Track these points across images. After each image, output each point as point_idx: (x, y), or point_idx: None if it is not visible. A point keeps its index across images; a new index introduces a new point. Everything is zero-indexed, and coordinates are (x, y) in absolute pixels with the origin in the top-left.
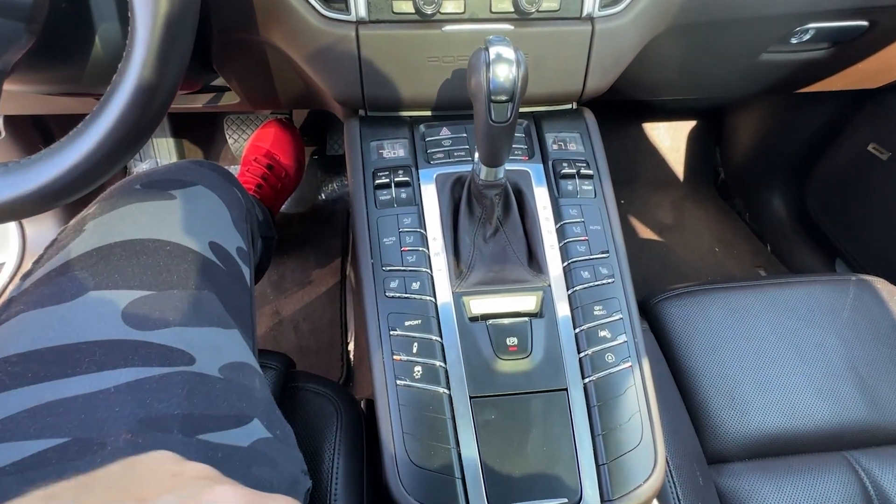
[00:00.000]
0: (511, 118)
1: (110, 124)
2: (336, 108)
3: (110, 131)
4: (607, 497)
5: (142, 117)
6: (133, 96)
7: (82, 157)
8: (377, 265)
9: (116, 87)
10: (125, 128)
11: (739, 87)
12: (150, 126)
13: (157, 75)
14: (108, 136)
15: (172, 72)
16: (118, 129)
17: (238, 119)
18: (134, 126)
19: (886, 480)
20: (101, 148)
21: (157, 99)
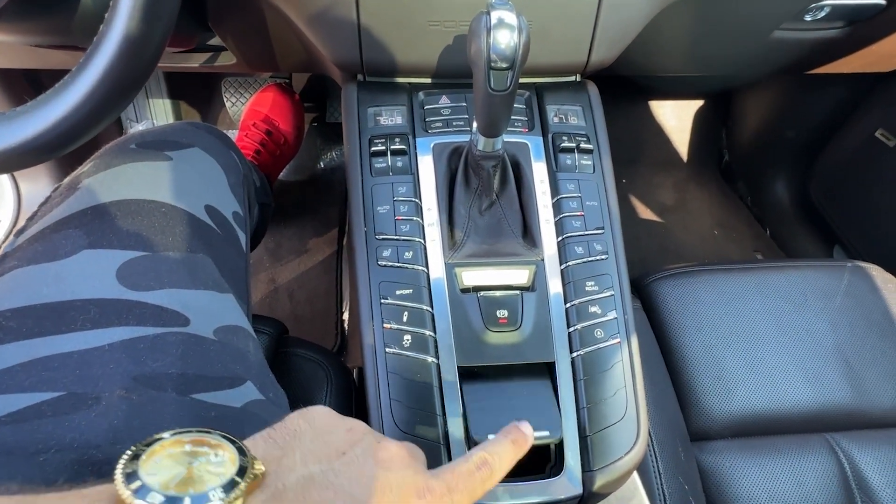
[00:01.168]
0: (511, 87)
1: (97, 77)
2: (334, 73)
3: (97, 84)
4: (589, 467)
5: (130, 70)
6: (120, 48)
7: (69, 110)
8: (370, 233)
9: (103, 38)
10: (113, 81)
11: (749, 66)
12: (139, 79)
13: (144, 26)
14: (96, 88)
15: (161, 23)
16: (106, 82)
17: (236, 82)
18: (122, 79)
19: (864, 462)
20: (88, 101)
21: (146, 51)
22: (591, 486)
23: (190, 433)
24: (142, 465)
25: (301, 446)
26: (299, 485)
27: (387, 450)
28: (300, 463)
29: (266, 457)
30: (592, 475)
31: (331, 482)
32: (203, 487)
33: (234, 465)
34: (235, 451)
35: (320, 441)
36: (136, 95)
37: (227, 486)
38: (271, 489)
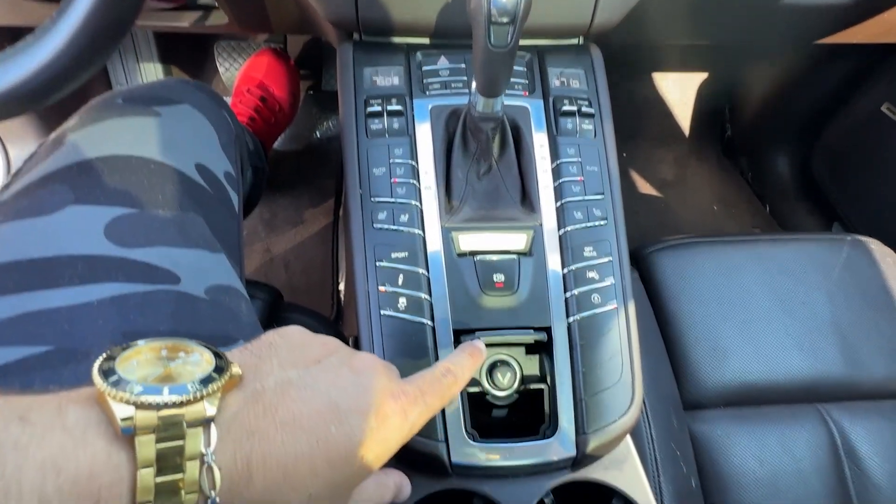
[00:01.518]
0: (512, 43)
1: (80, 20)
2: (329, 33)
3: (81, 26)
4: (583, 430)
5: (114, 12)
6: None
7: (53, 56)
8: (366, 196)
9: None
10: (97, 23)
11: (757, 34)
12: (124, 22)
13: None
14: (80, 31)
15: None
16: (89, 24)
17: (230, 46)
18: (106, 23)
19: (854, 432)
20: (71, 46)
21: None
22: (585, 448)
23: (165, 340)
24: (118, 365)
25: (277, 355)
26: (278, 386)
27: (361, 359)
28: (278, 368)
29: (243, 364)
30: (586, 437)
31: (308, 384)
32: (180, 381)
33: (211, 364)
34: (212, 356)
35: (296, 352)
36: (119, 44)
37: (205, 381)
38: (249, 389)
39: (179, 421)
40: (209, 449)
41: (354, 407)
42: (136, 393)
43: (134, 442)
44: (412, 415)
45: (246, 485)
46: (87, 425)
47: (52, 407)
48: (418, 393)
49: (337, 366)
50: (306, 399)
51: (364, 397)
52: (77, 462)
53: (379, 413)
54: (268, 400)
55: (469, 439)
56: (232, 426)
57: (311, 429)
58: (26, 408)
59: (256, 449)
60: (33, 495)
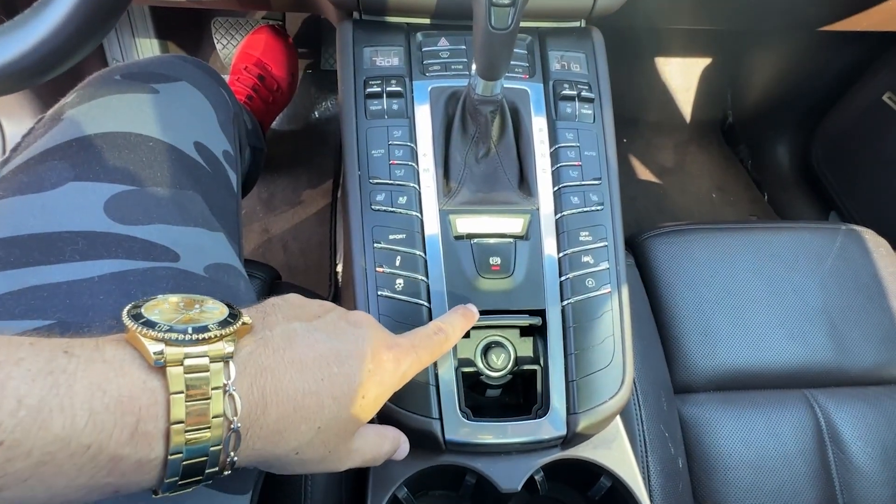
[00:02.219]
0: (512, 25)
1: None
2: (328, 10)
3: (79, 2)
4: (573, 410)
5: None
6: None
7: (51, 31)
8: (364, 177)
9: None
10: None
11: (760, 19)
12: (120, 1)
13: None
14: (77, 7)
15: None
16: (86, 1)
17: (227, 23)
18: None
19: (839, 417)
20: (69, 21)
21: None
22: (575, 427)
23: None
24: (144, 311)
25: (281, 311)
26: (284, 334)
27: (357, 315)
28: (283, 320)
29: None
30: (576, 417)
31: (311, 333)
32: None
33: (225, 313)
34: (225, 307)
35: (297, 309)
36: (117, 19)
37: (222, 323)
38: (259, 335)
39: (204, 355)
40: (230, 380)
41: (354, 352)
42: (164, 331)
43: (165, 372)
44: (404, 364)
45: (262, 413)
46: (124, 359)
47: (91, 344)
48: (410, 346)
49: (336, 319)
50: (310, 344)
51: (361, 344)
52: (119, 386)
53: (375, 358)
54: (276, 343)
55: (463, 417)
56: (248, 363)
57: (317, 368)
58: (68, 344)
59: (270, 383)
60: (84, 410)
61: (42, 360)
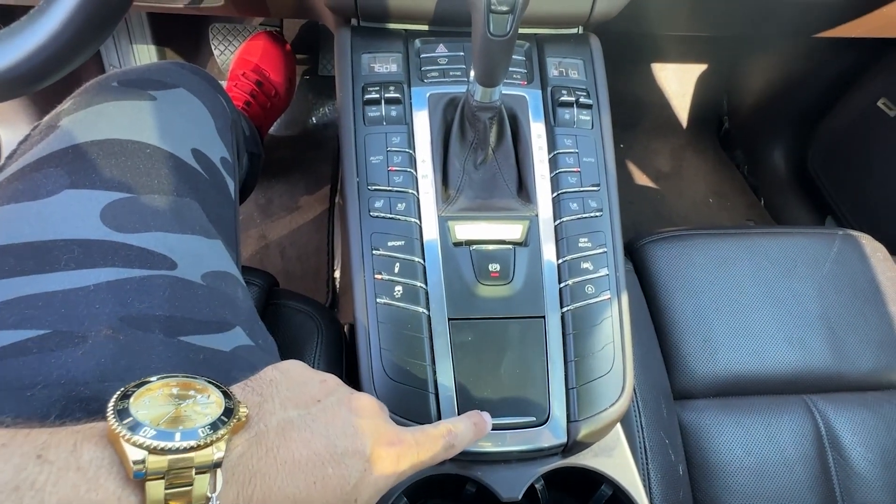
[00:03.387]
0: (511, 32)
1: (76, 1)
2: (327, 17)
3: (76, 9)
4: (574, 417)
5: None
6: None
7: (48, 38)
8: (362, 184)
9: None
10: (93, 3)
11: (756, 25)
12: (120, 3)
13: None
14: (74, 14)
15: None
16: (86, 5)
17: (225, 29)
18: (102, 4)
19: (838, 422)
20: (66, 28)
21: None
22: (575, 435)
23: (177, 377)
24: (132, 404)
25: (279, 394)
26: (280, 426)
27: (359, 400)
28: (280, 408)
29: (250, 403)
30: (577, 425)
31: (308, 425)
32: (192, 425)
33: (221, 407)
34: (221, 395)
35: (296, 390)
36: (115, 26)
37: (215, 425)
38: (254, 430)
39: (189, 466)
40: (214, 494)
41: (351, 449)
42: (149, 437)
43: (144, 486)
44: (403, 464)
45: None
46: (100, 466)
47: (67, 445)
48: (413, 444)
49: (336, 406)
50: (306, 440)
51: (361, 440)
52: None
53: (373, 456)
54: (270, 441)
55: None
56: (237, 468)
57: (310, 470)
58: (44, 445)
59: (258, 490)
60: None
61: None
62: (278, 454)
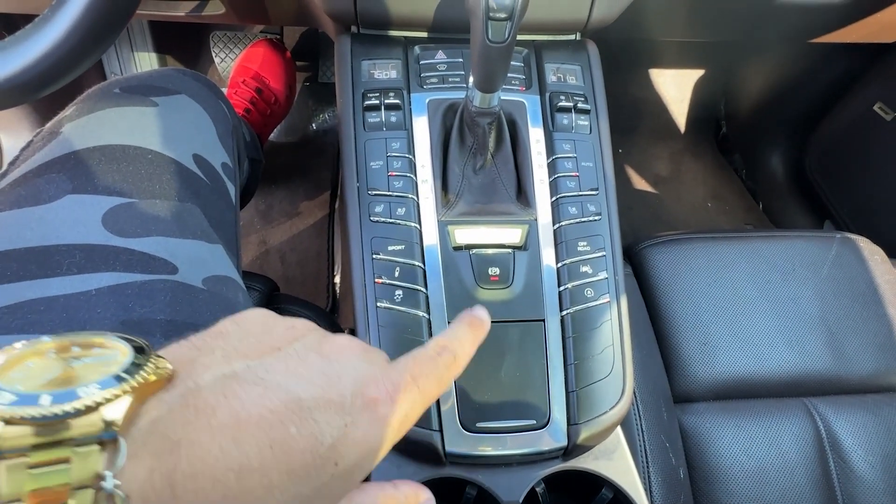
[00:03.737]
0: (509, 39)
1: (80, 9)
2: (327, 25)
3: (81, 16)
4: (574, 421)
5: (113, 4)
6: None
7: (52, 45)
8: (363, 189)
9: None
10: (95, 14)
11: (752, 31)
12: (123, 13)
13: None
14: (79, 21)
15: None
16: (88, 16)
17: (225, 36)
18: (104, 13)
19: (838, 425)
20: (71, 35)
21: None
22: (576, 438)
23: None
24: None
25: (225, 346)
26: (218, 382)
27: (334, 342)
28: (221, 361)
29: (180, 359)
30: (577, 428)
31: (260, 378)
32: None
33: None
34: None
35: (250, 340)
36: (118, 34)
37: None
38: (179, 389)
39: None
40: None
41: (322, 399)
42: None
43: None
44: (403, 405)
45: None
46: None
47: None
48: (409, 379)
49: (301, 353)
50: (256, 396)
51: (336, 387)
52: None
53: (356, 405)
54: (202, 401)
55: (463, 429)
56: (149, 438)
57: (262, 431)
58: None
59: (183, 464)
60: None
61: None
62: (214, 416)
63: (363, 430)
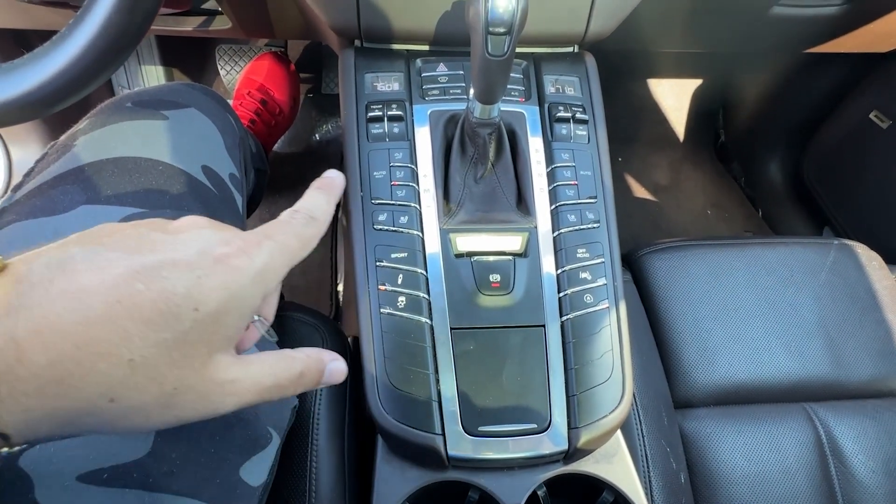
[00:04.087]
0: (508, 52)
1: (96, 29)
2: (331, 39)
3: (96, 36)
4: (574, 424)
5: (127, 23)
6: (116, 2)
7: (68, 63)
8: (366, 198)
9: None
10: (111, 33)
11: (748, 43)
12: (136, 34)
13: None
14: (94, 41)
15: None
16: (104, 34)
17: (231, 49)
18: (120, 32)
19: (839, 430)
20: (87, 53)
21: (142, 6)
22: (576, 441)
23: None
24: None
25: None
26: (53, 262)
27: (180, 220)
28: (57, 248)
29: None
30: (578, 431)
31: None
32: None
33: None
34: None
35: (93, 233)
36: (132, 51)
37: None
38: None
39: None
40: None
41: (168, 260)
42: None
43: None
44: (260, 257)
45: (17, 361)
46: None
47: None
48: (262, 236)
49: (143, 233)
50: (96, 268)
51: (182, 251)
52: None
53: (207, 262)
54: (37, 276)
55: (465, 433)
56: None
57: (108, 291)
58: None
59: (22, 323)
60: None
61: None
62: (52, 285)
63: (220, 279)
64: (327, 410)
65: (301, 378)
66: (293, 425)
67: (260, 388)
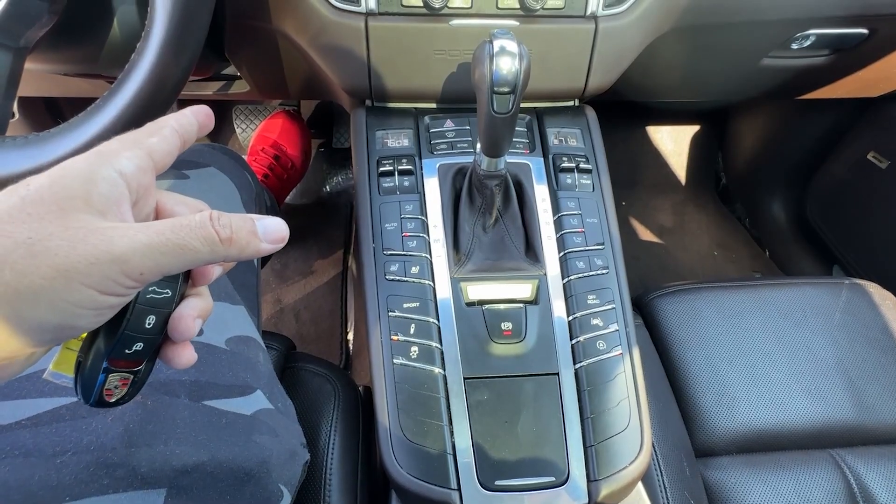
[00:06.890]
0: (512, 110)
1: (126, 103)
2: (343, 99)
3: (125, 109)
4: (593, 477)
5: (156, 97)
6: (149, 76)
7: (98, 133)
8: (378, 249)
9: (133, 67)
10: (140, 107)
11: (741, 91)
12: (164, 105)
13: (172, 58)
14: (124, 113)
15: (187, 56)
16: (133, 108)
17: (246, 109)
18: (148, 106)
19: (870, 479)
20: (116, 124)
21: (171, 80)
22: (597, 495)
23: None
24: None
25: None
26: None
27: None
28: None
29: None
30: (598, 484)
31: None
32: None
33: None
34: None
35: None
36: None
37: None
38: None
39: None
40: None
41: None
42: None
43: None
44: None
45: None
46: None
47: None
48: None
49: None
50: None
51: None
52: None
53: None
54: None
55: (481, 488)
56: None
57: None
58: None
59: None
60: None
61: None
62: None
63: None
64: (339, 464)
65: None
66: (305, 481)
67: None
